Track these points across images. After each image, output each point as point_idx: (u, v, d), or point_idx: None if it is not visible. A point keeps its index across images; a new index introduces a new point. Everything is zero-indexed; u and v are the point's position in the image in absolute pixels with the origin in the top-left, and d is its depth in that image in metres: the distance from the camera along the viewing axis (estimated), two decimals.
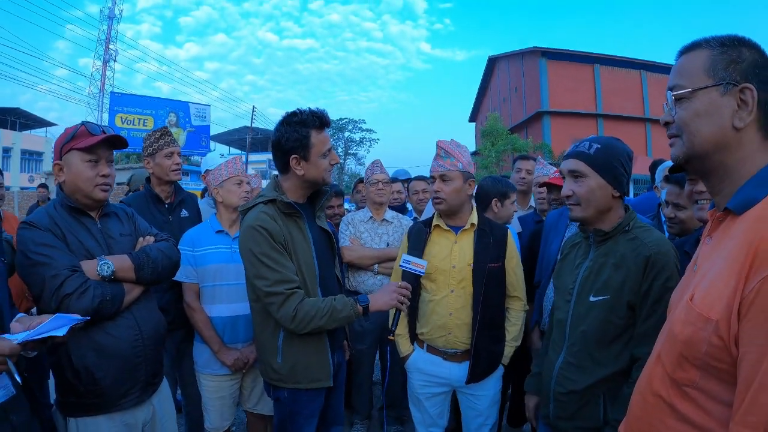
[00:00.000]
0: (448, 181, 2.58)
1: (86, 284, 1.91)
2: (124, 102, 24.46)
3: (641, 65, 34.44)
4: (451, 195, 2.58)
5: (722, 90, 1.09)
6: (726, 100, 1.08)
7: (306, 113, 2.23)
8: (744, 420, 0.93)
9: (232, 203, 2.93)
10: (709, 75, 1.10)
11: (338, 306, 2.15)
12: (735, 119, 1.08)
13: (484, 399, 2.66)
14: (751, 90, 1.06)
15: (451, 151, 2.61)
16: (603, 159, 1.88)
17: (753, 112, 1.07)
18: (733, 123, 1.08)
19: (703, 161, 1.15)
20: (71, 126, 2.13)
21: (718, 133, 1.10)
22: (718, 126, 1.10)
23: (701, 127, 1.12)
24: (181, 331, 3.04)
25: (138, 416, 2.14)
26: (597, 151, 1.89)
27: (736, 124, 1.08)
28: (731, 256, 1.01)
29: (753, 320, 0.93)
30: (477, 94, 48.67)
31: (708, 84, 1.10)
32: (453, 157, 2.60)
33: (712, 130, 1.10)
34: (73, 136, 2.05)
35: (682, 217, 2.42)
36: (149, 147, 3.16)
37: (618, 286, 1.82)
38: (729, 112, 1.08)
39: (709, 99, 1.10)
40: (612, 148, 1.91)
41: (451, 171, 2.57)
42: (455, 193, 2.59)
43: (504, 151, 28.67)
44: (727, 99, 1.08)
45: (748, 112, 1.07)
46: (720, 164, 1.13)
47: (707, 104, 1.10)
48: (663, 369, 1.18)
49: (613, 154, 1.89)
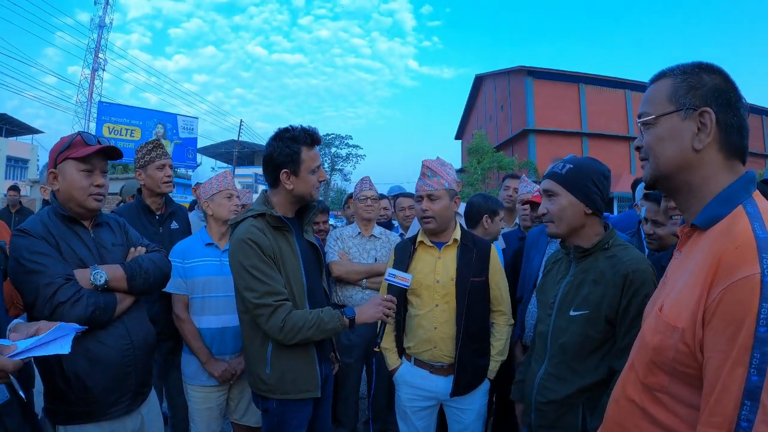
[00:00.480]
0: (435, 200, 2.64)
1: (80, 293, 1.93)
2: (111, 112, 24.25)
3: (626, 85, 34.89)
4: (440, 213, 2.64)
5: (683, 115, 1.17)
6: (686, 124, 1.17)
7: (298, 130, 2.30)
8: (709, 421, 0.99)
9: (222, 216, 2.97)
10: (671, 102, 1.19)
11: (325, 318, 2.20)
12: (695, 141, 1.16)
13: (469, 413, 2.69)
14: (710, 113, 1.14)
15: (436, 170, 2.67)
16: (573, 178, 1.98)
17: (711, 134, 1.14)
18: (693, 145, 1.16)
19: (669, 181, 1.24)
20: (67, 135, 2.16)
21: (679, 155, 1.19)
22: (679, 148, 1.18)
23: (664, 150, 1.21)
24: (169, 342, 3.04)
25: (127, 425, 2.14)
26: (568, 171, 1.99)
27: (695, 146, 1.16)
28: (697, 269, 1.09)
29: (715, 328, 1.00)
30: (463, 111, 49.05)
31: (670, 110, 1.19)
32: (439, 176, 2.66)
33: (674, 153, 1.19)
34: (68, 146, 2.07)
35: (660, 233, 2.51)
36: (141, 159, 3.19)
37: (597, 301, 1.88)
38: (689, 135, 1.16)
39: (671, 124, 1.19)
40: (584, 168, 1.99)
41: (438, 190, 2.64)
42: (443, 211, 2.65)
43: (490, 169, 28.84)
44: (687, 123, 1.17)
45: (707, 134, 1.15)
46: (685, 183, 1.21)
47: (669, 129, 1.19)
48: (636, 375, 1.25)
49: (584, 173, 1.98)
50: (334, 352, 2.70)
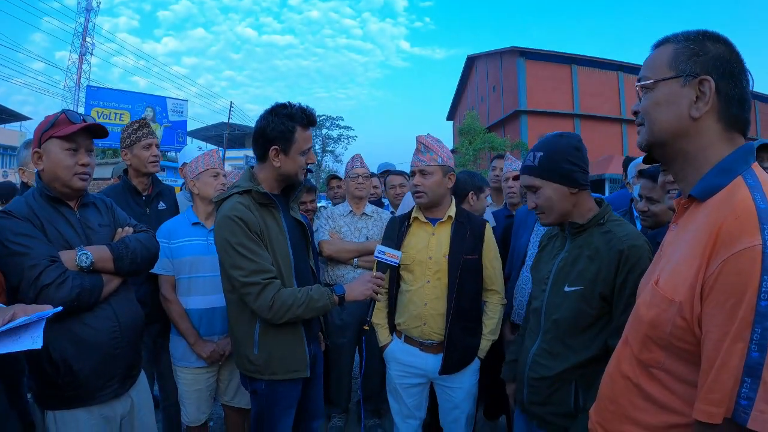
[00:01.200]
0: (427, 175, 2.62)
1: (65, 275, 1.89)
2: (100, 96, 24.07)
3: (618, 66, 34.99)
4: (431, 188, 2.62)
5: (682, 81, 1.14)
6: (685, 91, 1.14)
7: (296, 108, 2.25)
8: (707, 398, 0.96)
9: (208, 195, 2.92)
10: (671, 67, 1.16)
11: (315, 295, 2.18)
12: (692, 109, 1.13)
13: (459, 391, 2.69)
14: (709, 82, 1.11)
15: (430, 146, 2.65)
16: (548, 165, 1.94)
17: (710, 103, 1.12)
18: (690, 112, 1.13)
19: (663, 148, 1.22)
20: (51, 114, 2.10)
21: (675, 122, 1.16)
22: (675, 115, 1.16)
23: (660, 116, 1.18)
24: (158, 324, 3.01)
25: (116, 409, 2.12)
26: (540, 160, 1.95)
27: (692, 113, 1.13)
28: (694, 241, 1.06)
29: (714, 301, 0.97)
30: (455, 92, 49.03)
31: (669, 76, 1.16)
32: (432, 152, 2.63)
33: (670, 119, 1.17)
34: (52, 124, 2.02)
35: (655, 210, 2.49)
36: (127, 138, 3.14)
37: (592, 277, 1.87)
38: (687, 103, 1.14)
39: (669, 89, 1.16)
40: (554, 151, 1.94)
41: (431, 165, 2.62)
42: (435, 186, 2.63)
43: (481, 150, 28.88)
44: (686, 90, 1.14)
45: (705, 102, 1.12)
46: (680, 151, 1.18)
47: (667, 94, 1.17)
48: (630, 351, 1.23)
49: (556, 155, 1.94)
50: (322, 332, 2.69)
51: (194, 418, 2.93)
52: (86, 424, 2.01)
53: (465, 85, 47.07)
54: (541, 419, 2.00)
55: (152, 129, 3.25)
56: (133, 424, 2.22)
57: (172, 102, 25.91)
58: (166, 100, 25.76)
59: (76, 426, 1.99)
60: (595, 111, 33.19)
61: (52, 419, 1.98)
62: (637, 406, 1.18)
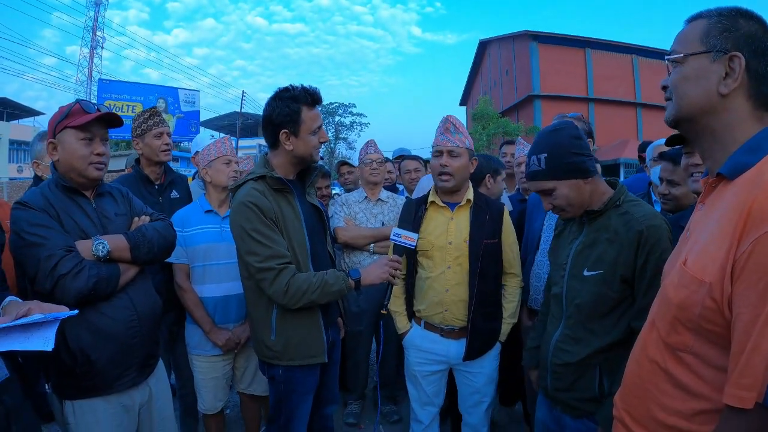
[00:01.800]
0: (455, 157, 2.56)
1: (81, 264, 1.88)
2: (112, 89, 24.24)
3: (633, 50, 34.48)
4: (458, 171, 2.56)
5: (712, 57, 1.12)
6: (715, 66, 1.11)
7: (298, 89, 2.23)
8: (738, 382, 0.94)
9: (220, 183, 2.92)
10: (702, 42, 1.14)
11: (330, 280, 2.16)
12: (721, 86, 1.11)
13: (480, 376, 2.67)
14: (740, 58, 1.08)
15: (460, 127, 2.60)
16: (555, 165, 1.89)
17: (739, 80, 1.09)
18: (718, 89, 1.11)
19: (690, 124, 1.19)
20: (65, 105, 2.10)
21: (703, 97, 1.14)
22: (703, 90, 1.13)
23: (688, 91, 1.16)
24: (173, 313, 3.02)
25: (135, 398, 2.14)
26: (546, 162, 1.90)
27: (721, 90, 1.11)
28: (724, 219, 1.03)
29: (746, 281, 0.95)
30: (468, 77, 48.63)
31: (699, 50, 1.14)
32: (461, 134, 2.58)
33: (698, 94, 1.14)
34: (67, 114, 2.01)
35: (676, 193, 2.43)
36: (138, 128, 3.13)
37: (612, 260, 1.83)
38: (716, 79, 1.11)
39: (698, 64, 1.14)
40: (557, 148, 1.89)
41: (460, 147, 2.56)
42: (462, 169, 2.57)
43: (495, 135, 28.67)
44: (716, 66, 1.11)
45: (734, 79, 1.09)
46: (707, 128, 1.16)
47: (696, 69, 1.14)
48: (657, 334, 1.20)
49: (559, 152, 1.88)
50: (341, 317, 2.68)
51: (211, 406, 2.95)
52: (105, 414, 2.03)
53: (477, 70, 46.68)
54: (566, 404, 1.98)
55: (163, 118, 3.24)
56: (151, 412, 2.24)
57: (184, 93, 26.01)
58: (177, 91, 25.88)
59: (94, 415, 2.01)
60: (610, 95, 32.76)
61: (71, 409, 1.99)
62: (665, 391, 1.15)
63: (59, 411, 2.03)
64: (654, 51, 33.24)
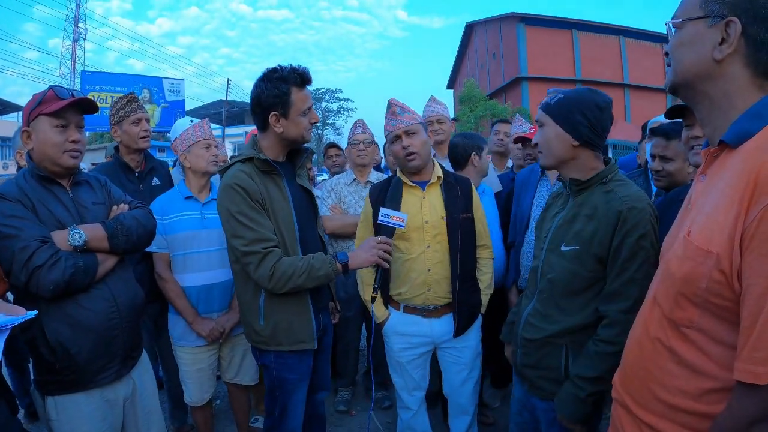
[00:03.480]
0: (413, 135, 2.53)
1: (57, 255, 1.83)
2: (95, 80, 23.98)
3: (620, 31, 34.54)
4: (422, 146, 2.54)
5: (709, 22, 1.09)
6: (711, 32, 1.09)
7: (287, 70, 2.16)
8: (751, 357, 0.91)
9: (200, 168, 2.85)
10: (702, 8, 1.11)
11: (316, 264, 2.12)
12: (715, 51, 1.08)
13: (467, 350, 2.66)
14: (735, 23, 1.05)
15: (405, 107, 2.58)
16: (560, 108, 1.88)
17: (734, 45, 1.06)
18: (713, 54, 1.08)
19: (687, 90, 1.18)
20: (40, 91, 2.03)
21: (697, 63, 1.12)
22: (698, 55, 1.11)
23: (683, 56, 1.15)
24: (157, 303, 2.97)
25: (119, 391, 2.09)
26: (557, 101, 1.90)
27: (715, 55, 1.08)
28: (729, 188, 1.00)
29: (756, 251, 0.91)
30: (455, 61, 48.57)
31: (697, 15, 1.11)
32: (409, 112, 2.57)
33: (692, 59, 1.12)
34: (40, 101, 1.95)
35: (669, 169, 2.36)
36: (116, 114, 3.06)
37: (588, 237, 1.80)
38: (711, 44, 1.09)
39: (695, 30, 1.12)
40: (574, 98, 1.88)
41: (413, 124, 2.54)
42: (424, 145, 2.56)
43: (483, 117, 28.61)
44: (712, 31, 1.08)
45: (729, 45, 1.06)
46: (704, 94, 1.14)
47: (692, 34, 1.12)
48: (660, 311, 1.16)
49: (572, 103, 1.87)
50: (333, 302, 2.63)
51: (197, 398, 2.90)
52: (87, 408, 1.98)
53: (464, 53, 46.54)
54: (532, 383, 1.97)
55: (141, 104, 3.17)
56: (136, 406, 2.19)
57: (168, 82, 25.76)
58: (162, 81, 25.62)
59: (77, 410, 1.96)
60: (597, 77, 32.66)
61: (53, 405, 1.95)
62: (669, 371, 1.12)
63: (41, 407, 1.99)
64: (642, 33, 33.32)
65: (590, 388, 1.75)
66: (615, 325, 1.72)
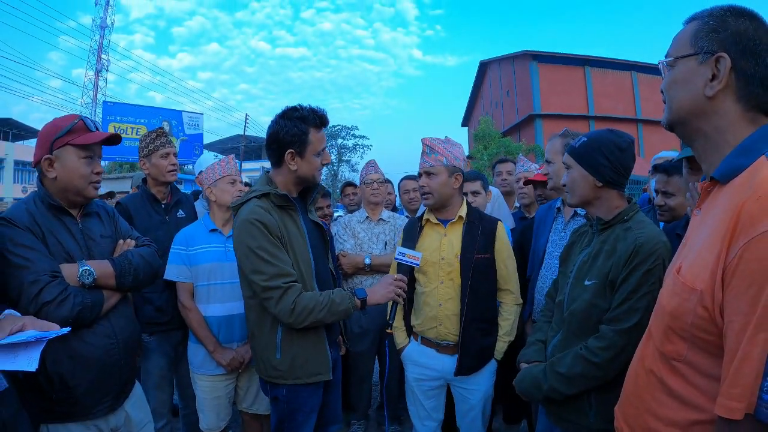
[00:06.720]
0: (432, 176, 2.65)
1: (66, 291, 1.83)
2: (116, 111, 24.25)
3: (632, 66, 34.66)
4: (436, 189, 2.64)
5: (700, 59, 1.10)
6: (702, 68, 1.10)
7: (307, 110, 2.24)
8: (729, 392, 0.91)
9: (225, 202, 2.92)
10: (692, 44, 1.12)
11: (337, 299, 2.15)
12: (706, 88, 1.09)
13: (476, 393, 2.66)
14: (725, 59, 1.06)
15: (434, 147, 2.67)
16: (583, 151, 1.98)
17: (724, 81, 1.07)
18: (704, 91, 1.09)
19: (683, 127, 1.18)
20: (60, 117, 2.04)
21: (690, 101, 1.12)
22: (690, 93, 1.12)
23: (677, 94, 1.16)
24: (179, 332, 3.03)
25: (110, 422, 2.06)
26: (581, 144, 2.00)
27: (706, 92, 1.09)
28: (715, 225, 1.01)
29: (736, 288, 0.92)
30: (469, 98, 48.90)
31: (688, 53, 1.12)
32: (437, 153, 2.66)
33: (685, 97, 1.13)
34: (69, 131, 1.95)
35: (671, 204, 2.47)
36: (145, 148, 3.16)
37: (606, 271, 1.87)
38: (702, 81, 1.09)
39: (686, 67, 1.13)
40: (596, 141, 1.97)
41: (435, 166, 2.64)
42: (440, 186, 2.64)
43: (497, 155, 28.70)
44: (703, 68, 1.10)
45: (718, 81, 1.07)
46: (699, 131, 1.14)
47: (684, 72, 1.13)
48: (653, 344, 1.18)
49: (595, 146, 1.96)
50: (342, 335, 2.67)
51: (214, 426, 2.92)
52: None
53: (478, 90, 46.96)
54: (558, 415, 2.00)
55: (170, 138, 3.28)
56: None
57: (187, 116, 26.11)
58: (181, 114, 25.97)
59: None
60: (610, 112, 32.79)
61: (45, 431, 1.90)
62: (660, 401, 1.13)
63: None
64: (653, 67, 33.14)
65: (555, 383, 1.87)
66: (602, 340, 1.79)
